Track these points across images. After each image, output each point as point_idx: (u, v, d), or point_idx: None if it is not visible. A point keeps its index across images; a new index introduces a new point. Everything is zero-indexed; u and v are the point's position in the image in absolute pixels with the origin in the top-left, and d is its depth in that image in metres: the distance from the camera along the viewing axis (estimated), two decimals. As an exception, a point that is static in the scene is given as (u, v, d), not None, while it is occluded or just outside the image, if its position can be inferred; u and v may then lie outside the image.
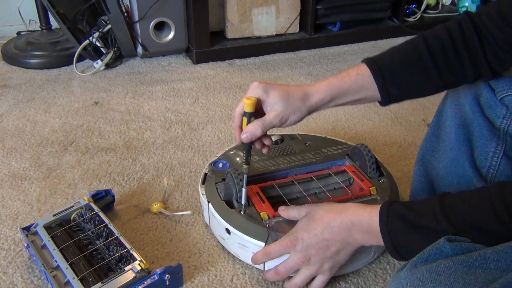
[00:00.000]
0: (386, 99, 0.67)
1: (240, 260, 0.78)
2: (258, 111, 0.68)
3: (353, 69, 0.67)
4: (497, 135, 0.66)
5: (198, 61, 1.62)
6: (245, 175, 0.74)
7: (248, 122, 0.68)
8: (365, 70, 0.66)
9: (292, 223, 0.71)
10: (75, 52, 1.51)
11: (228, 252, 0.80)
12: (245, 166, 0.73)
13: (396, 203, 0.60)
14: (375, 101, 0.69)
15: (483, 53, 0.62)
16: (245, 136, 0.68)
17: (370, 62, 0.66)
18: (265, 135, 0.70)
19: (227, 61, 1.65)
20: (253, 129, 0.67)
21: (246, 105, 0.67)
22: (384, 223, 0.58)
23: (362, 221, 0.61)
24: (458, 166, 0.69)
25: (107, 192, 0.87)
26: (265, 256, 0.70)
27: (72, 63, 1.52)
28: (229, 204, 0.78)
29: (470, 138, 0.69)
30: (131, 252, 0.72)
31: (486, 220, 0.51)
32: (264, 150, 0.73)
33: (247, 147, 0.72)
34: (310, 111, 0.68)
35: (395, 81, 0.66)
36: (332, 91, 0.67)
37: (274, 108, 0.66)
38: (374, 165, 0.85)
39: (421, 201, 0.59)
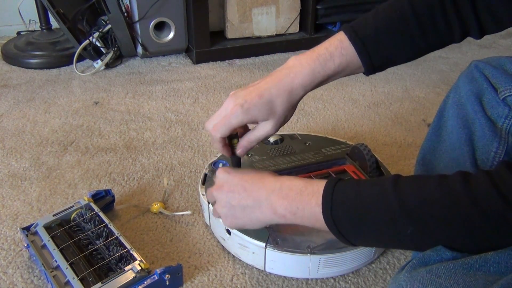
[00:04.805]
0: (370, 71, 0.64)
1: (240, 260, 0.78)
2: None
3: (335, 48, 0.62)
4: (499, 135, 0.65)
5: (198, 61, 1.62)
6: None
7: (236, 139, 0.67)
8: (348, 47, 0.62)
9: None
10: (75, 52, 1.51)
11: (228, 252, 0.80)
12: None
13: (341, 186, 0.54)
14: (356, 74, 0.65)
15: (472, 8, 0.57)
16: (240, 151, 0.67)
17: (353, 36, 0.61)
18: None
19: (227, 61, 1.65)
20: (247, 144, 0.66)
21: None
22: (328, 209, 0.53)
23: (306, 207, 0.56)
24: (460, 167, 0.69)
25: (107, 192, 0.87)
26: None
27: (72, 63, 1.52)
28: None
29: (472, 138, 0.68)
30: (131, 252, 0.72)
31: (451, 219, 0.47)
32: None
33: (236, 159, 0.70)
34: (296, 105, 0.65)
35: (379, 54, 0.62)
36: (316, 80, 0.63)
37: (262, 122, 0.64)
38: (374, 164, 0.85)
39: (370, 185, 0.53)
